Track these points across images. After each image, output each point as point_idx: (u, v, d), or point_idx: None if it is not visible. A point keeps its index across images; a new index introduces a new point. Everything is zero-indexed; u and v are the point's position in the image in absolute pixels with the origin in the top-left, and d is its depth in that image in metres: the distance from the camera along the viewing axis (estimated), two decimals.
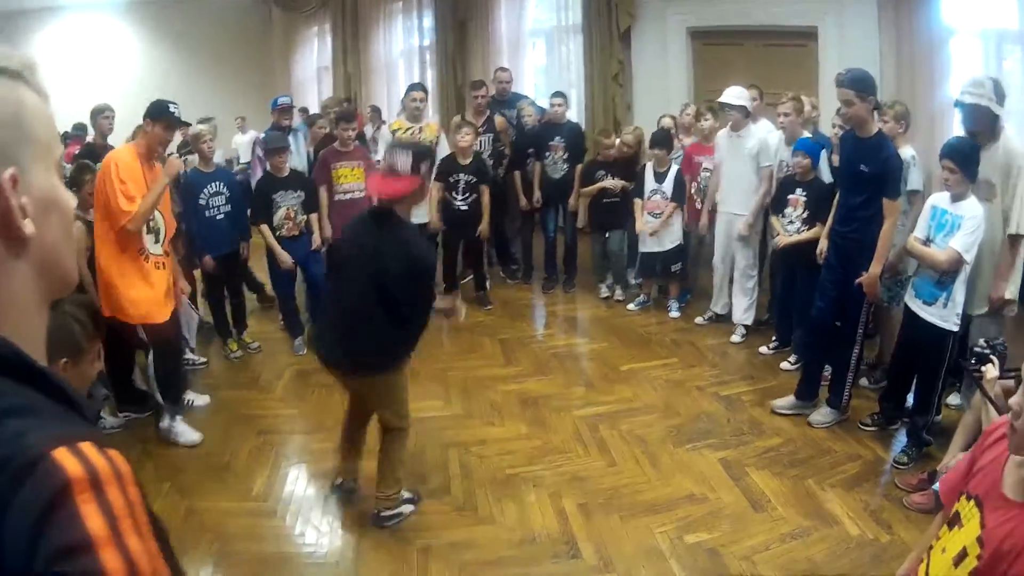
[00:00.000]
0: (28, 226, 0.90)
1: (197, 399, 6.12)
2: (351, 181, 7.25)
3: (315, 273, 6.88)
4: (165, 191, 5.26)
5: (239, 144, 12.06)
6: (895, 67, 7.40)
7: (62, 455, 0.78)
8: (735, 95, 6.59)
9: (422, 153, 4.25)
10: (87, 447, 0.81)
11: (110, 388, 5.74)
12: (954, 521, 1.92)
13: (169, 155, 5.74)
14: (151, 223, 5.17)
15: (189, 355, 6.96)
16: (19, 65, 0.96)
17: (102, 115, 8.45)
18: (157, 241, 5.26)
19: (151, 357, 5.26)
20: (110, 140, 8.29)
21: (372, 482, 4.57)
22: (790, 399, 5.56)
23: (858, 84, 4.83)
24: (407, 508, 4.53)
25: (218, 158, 7.54)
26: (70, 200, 1.02)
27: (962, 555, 1.81)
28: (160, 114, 5.14)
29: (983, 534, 1.76)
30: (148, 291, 5.13)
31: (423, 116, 7.84)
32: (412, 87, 8.05)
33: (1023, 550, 1.65)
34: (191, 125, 6.25)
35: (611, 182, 7.73)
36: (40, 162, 0.95)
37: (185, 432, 5.47)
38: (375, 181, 4.51)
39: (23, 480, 0.76)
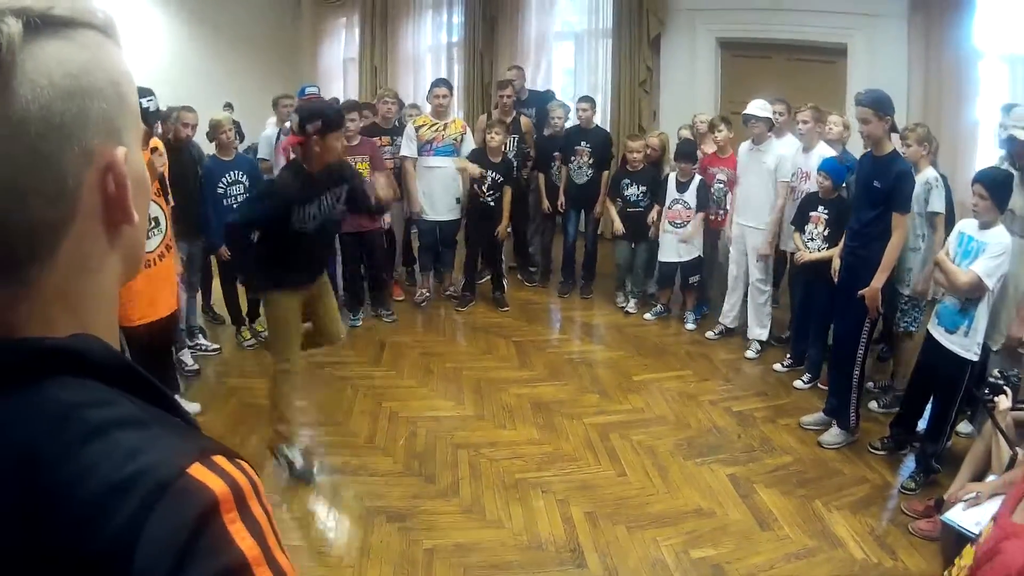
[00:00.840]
0: (135, 212, 0.82)
1: (187, 407, 6.02)
2: None
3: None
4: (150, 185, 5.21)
5: (262, 135, 12.04)
6: (923, 87, 7.41)
7: (199, 471, 0.71)
8: (759, 107, 6.57)
9: (312, 114, 4.58)
10: (221, 460, 0.75)
11: None
12: None
13: (153, 150, 5.68)
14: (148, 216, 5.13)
15: (201, 340, 7.03)
16: (105, 21, 0.83)
17: (146, 99, 8.19)
18: (150, 237, 5.17)
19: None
20: None
21: (374, 475, 4.82)
22: (818, 415, 5.56)
23: (876, 104, 4.87)
24: (293, 462, 4.87)
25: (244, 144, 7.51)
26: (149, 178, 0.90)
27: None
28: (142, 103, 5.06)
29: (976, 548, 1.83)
30: (147, 289, 5.02)
31: (448, 113, 7.83)
32: (436, 83, 8.02)
33: (994, 554, 1.71)
34: (167, 112, 6.21)
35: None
36: (135, 135, 0.85)
37: None
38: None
39: (155, 503, 0.68)
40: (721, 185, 7.20)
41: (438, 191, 7.76)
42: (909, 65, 7.55)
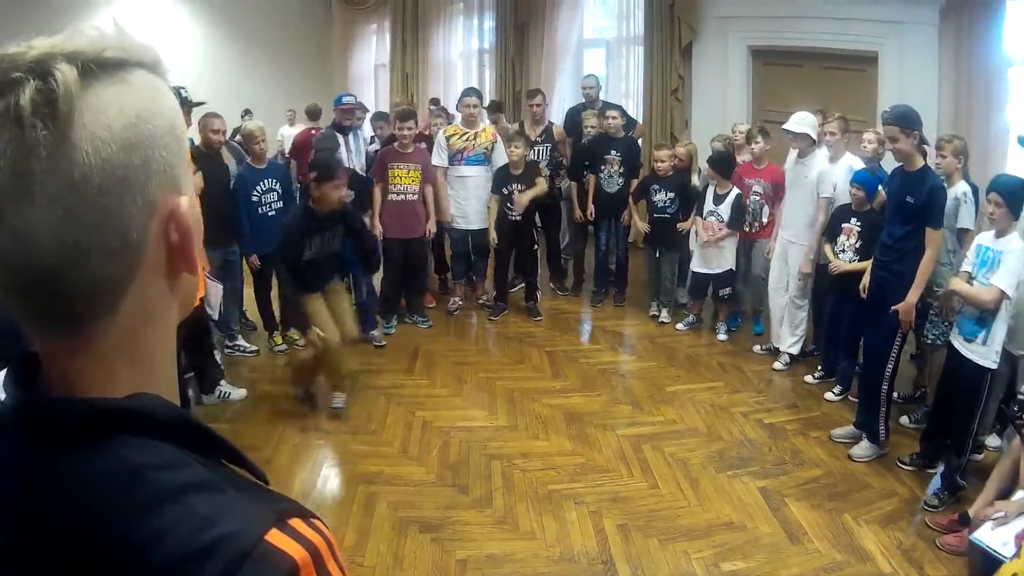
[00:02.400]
0: (197, 260, 0.79)
1: (234, 391, 6.22)
2: (405, 183, 7.33)
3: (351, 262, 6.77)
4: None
5: (285, 136, 12.09)
6: (953, 95, 7.37)
7: (278, 538, 0.71)
8: (798, 122, 6.45)
9: (311, 165, 6.09)
10: (298, 523, 0.74)
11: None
12: None
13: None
14: None
15: (240, 342, 7.15)
16: (154, 59, 0.78)
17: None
18: None
19: None
20: None
21: (407, 485, 4.88)
22: (849, 428, 5.56)
23: (902, 120, 4.86)
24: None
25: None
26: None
27: None
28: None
29: None
30: None
31: (478, 122, 7.85)
32: (466, 92, 8.05)
33: None
34: (203, 103, 6.31)
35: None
36: (189, 178, 0.80)
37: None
38: None
39: (235, 573, 0.67)
40: (757, 197, 7.16)
41: (470, 200, 7.80)
42: (940, 73, 7.52)
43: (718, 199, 7.22)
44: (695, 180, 7.69)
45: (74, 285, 0.71)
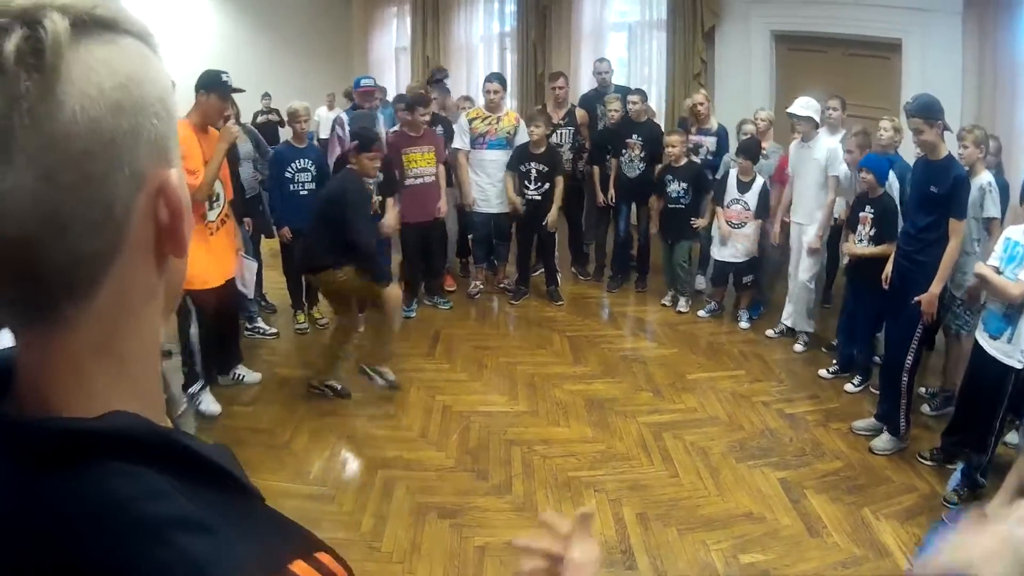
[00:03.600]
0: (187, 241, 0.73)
1: (248, 375, 6.22)
2: (422, 165, 7.34)
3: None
4: (223, 159, 5.36)
5: (322, 118, 12.10)
6: (977, 83, 7.30)
7: None
8: (802, 106, 6.55)
9: (352, 134, 6.45)
10: (300, 566, 0.68)
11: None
12: None
13: (226, 118, 5.96)
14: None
15: (260, 324, 7.18)
16: (143, 29, 0.72)
17: None
18: (212, 208, 5.35)
19: (193, 326, 5.39)
20: None
21: (426, 471, 4.90)
22: (870, 420, 5.51)
23: (925, 111, 4.82)
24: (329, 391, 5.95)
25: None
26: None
27: None
28: (214, 84, 5.27)
29: None
30: (207, 256, 5.20)
31: (501, 107, 7.84)
32: (489, 78, 8.02)
33: None
34: (243, 91, 6.34)
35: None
36: (178, 155, 0.75)
37: (208, 403, 5.62)
38: None
39: None
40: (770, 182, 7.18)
41: (493, 184, 7.80)
42: (963, 62, 7.45)
43: (743, 187, 7.15)
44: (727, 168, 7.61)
45: (50, 260, 0.63)
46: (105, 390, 0.69)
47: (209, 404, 5.60)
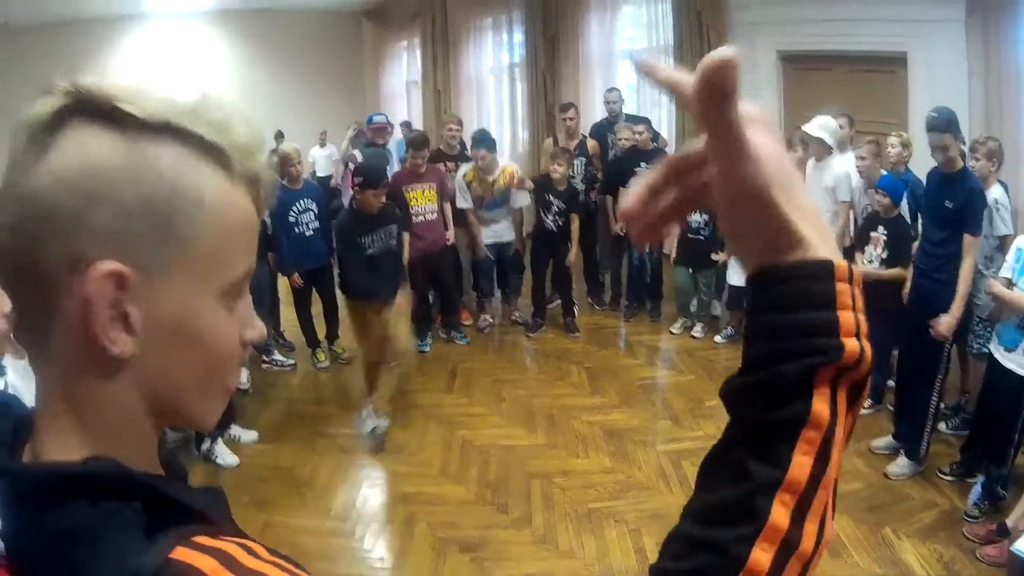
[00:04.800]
0: (119, 344, 0.69)
1: (244, 434, 6.02)
2: (422, 203, 7.34)
3: None
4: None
5: (316, 157, 12.21)
6: (983, 93, 7.28)
7: (183, 554, 0.66)
8: (816, 126, 6.49)
9: (356, 170, 6.49)
10: (204, 539, 0.69)
11: None
12: None
13: None
14: None
15: (277, 356, 7.29)
16: (199, 141, 0.74)
17: None
18: None
19: None
20: None
21: (446, 505, 4.94)
22: (888, 440, 5.47)
23: (952, 125, 4.76)
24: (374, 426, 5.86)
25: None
26: (227, 339, 0.79)
27: None
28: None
29: None
30: None
31: (493, 169, 7.70)
32: (477, 143, 7.81)
33: None
34: None
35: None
36: (189, 275, 0.73)
37: (224, 455, 5.61)
38: None
39: None
40: None
41: (494, 219, 7.90)
42: (969, 70, 7.44)
43: None
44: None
45: (17, 300, 0.72)
46: (78, 435, 0.72)
47: (226, 457, 5.60)
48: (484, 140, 7.80)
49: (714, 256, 7.53)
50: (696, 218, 7.50)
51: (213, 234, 0.74)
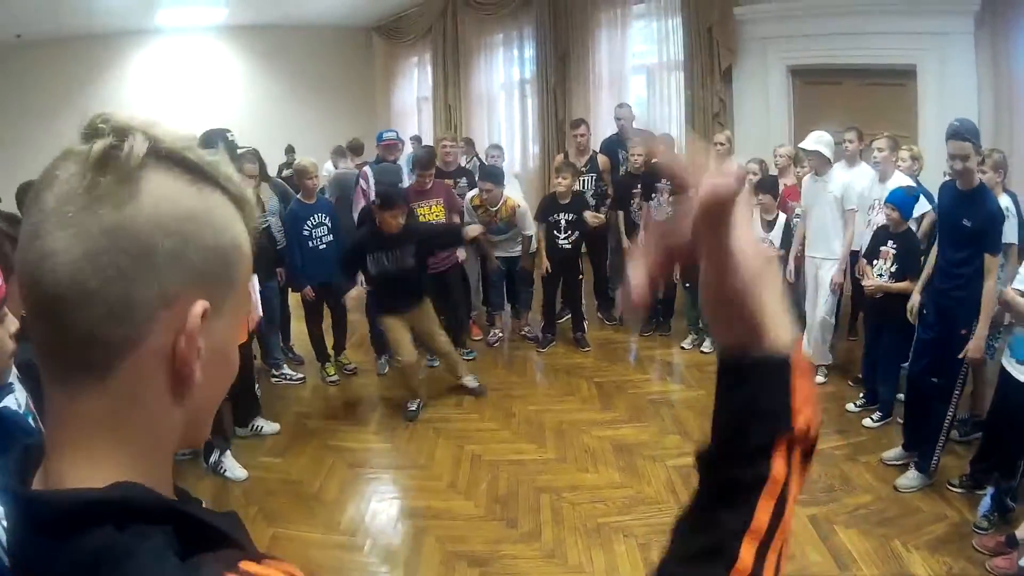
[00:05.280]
0: (197, 372, 0.77)
1: (267, 425, 6.31)
2: (431, 219, 7.41)
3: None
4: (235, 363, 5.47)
5: (330, 172, 12.24)
6: (993, 104, 7.29)
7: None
8: (813, 140, 6.51)
9: (377, 193, 6.95)
10: (249, 565, 0.72)
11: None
12: None
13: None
14: None
15: (286, 370, 7.34)
16: (239, 193, 0.83)
17: None
18: None
19: None
20: None
21: (455, 520, 4.93)
22: (899, 451, 5.45)
23: (975, 135, 4.72)
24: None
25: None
26: (236, 363, 0.89)
27: None
28: (217, 144, 5.37)
29: None
30: None
31: (497, 201, 7.73)
32: (482, 177, 7.95)
33: None
34: (255, 150, 6.51)
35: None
36: (231, 311, 0.83)
37: (232, 468, 5.65)
38: None
39: None
40: (798, 219, 7.07)
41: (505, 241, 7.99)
42: (979, 82, 7.45)
43: (768, 225, 7.14)
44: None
45: (75, 326, 0.73)
46: (109, 461, 0.75)
47: (234, 470, 5.63)
48: (491, 175, 7.88)
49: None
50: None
51: (245, 276, 0.85)
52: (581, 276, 8.13)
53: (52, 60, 13.13)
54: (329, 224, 7.17)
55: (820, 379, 6.77)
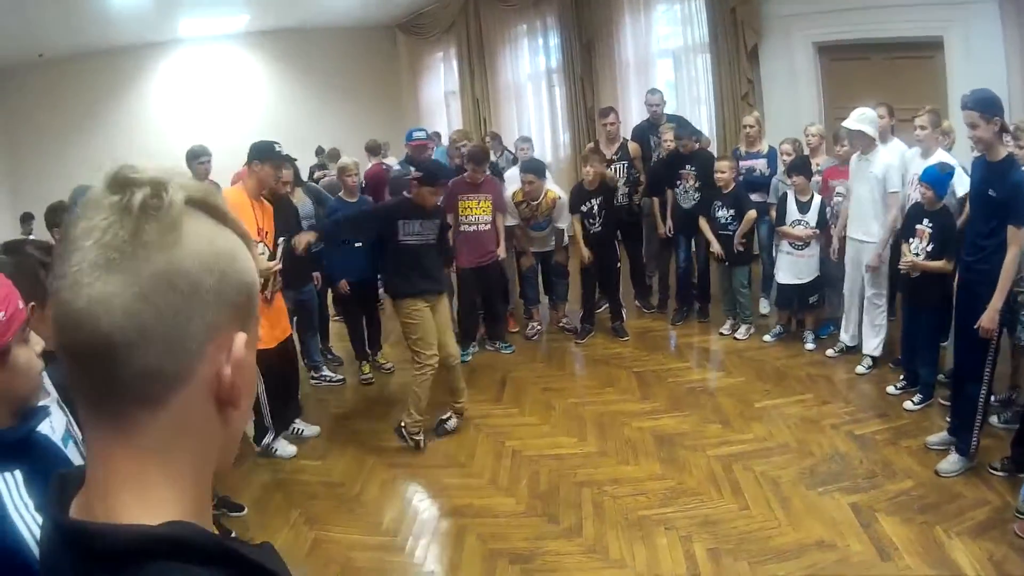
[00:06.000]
0: (244, 400, 0.88)
1: (307, 428, 6.38)
2: (476, 214, 7.44)
3: None
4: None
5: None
6: (1022, 73, 7.18)
7: None
8: (856, 119, 6.34)
9: (418, 166, 6.78)
10: None
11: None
12: None
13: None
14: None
15: (326, 372, 7.44)
16: (243, 232, 0.91)
17: (198, 160, 8.03)
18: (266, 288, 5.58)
19: (260, 383, 5.57)
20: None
21: (497, 517, 4.98)
22: (943, 435, 5.34)
23: (982, 104, 4.63)
24: (412, 442, 5.96)
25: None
26: (256, 385, 0.94)
27: None
28: (268, 155, 5.64)
29: None
30: (264, 321, 5.27)
31: (538, 194, 7.76)
32: (524, 169, 7.94)
33: None
34: (296, 160, 6.59)
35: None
36: (251, 340, 0.89)
37: (284, 447, 5.92)
38: None
39: None
40: (840, 199, 6.97)
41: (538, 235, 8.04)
42: (1007, 52, 7.34)
43: (803, 207, 7.10)
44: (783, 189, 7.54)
45: (128, 367, 0.78)
46: (160, 496, 0.81)
47: (285, 448, 5.92)
48: (533, 168, 7.89)
49: (738, 247, 7.51)
50: (723, 213, 7.55)
51: (254, 304, 0.91)
52: (619, 264, 8.11)
53: (75, 76, 13.26)
54: None
55: (862, 369, 6.67)
